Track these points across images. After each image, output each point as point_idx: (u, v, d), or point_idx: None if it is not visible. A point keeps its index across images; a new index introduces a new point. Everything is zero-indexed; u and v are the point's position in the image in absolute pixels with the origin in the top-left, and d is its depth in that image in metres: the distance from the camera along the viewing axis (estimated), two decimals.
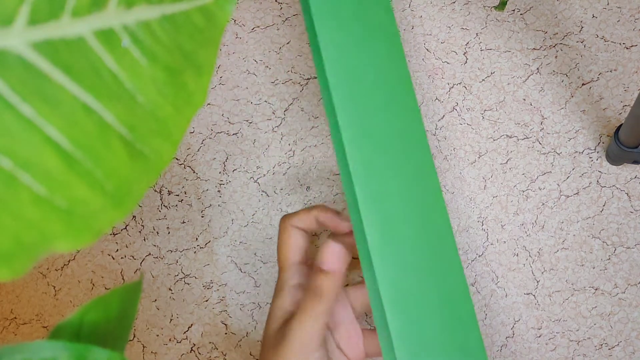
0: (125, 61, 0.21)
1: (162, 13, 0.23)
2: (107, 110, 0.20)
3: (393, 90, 0.22)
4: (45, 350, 0.22)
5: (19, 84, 0.18)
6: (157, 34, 0.23)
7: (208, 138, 0.96)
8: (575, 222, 0.89)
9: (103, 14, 0.21)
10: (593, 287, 0.88)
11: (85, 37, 0.20)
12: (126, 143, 0.20)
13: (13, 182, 0.18)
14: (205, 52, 0.24)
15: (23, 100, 0.18)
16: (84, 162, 0.19)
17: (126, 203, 0.20)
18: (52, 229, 0.18)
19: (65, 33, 0.20)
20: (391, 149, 0.22)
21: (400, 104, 0.22)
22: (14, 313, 0.95)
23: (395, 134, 0.22)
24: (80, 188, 0.19)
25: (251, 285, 0.94)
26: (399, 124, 0.22)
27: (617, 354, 0.86)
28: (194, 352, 0.92)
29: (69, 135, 0.19)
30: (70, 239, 0.18)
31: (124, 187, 0.20)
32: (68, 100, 0.19)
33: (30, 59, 0.19)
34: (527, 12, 0.95)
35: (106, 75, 0.21)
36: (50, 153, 0.18)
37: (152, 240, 0.95)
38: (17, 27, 0.18)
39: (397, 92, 0.22)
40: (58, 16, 0.20)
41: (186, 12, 0.24)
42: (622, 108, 0.90)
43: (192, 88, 0.23)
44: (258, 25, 1.00)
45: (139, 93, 0.21)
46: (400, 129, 0.22)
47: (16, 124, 0.18)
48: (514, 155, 0.92)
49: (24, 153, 0.18)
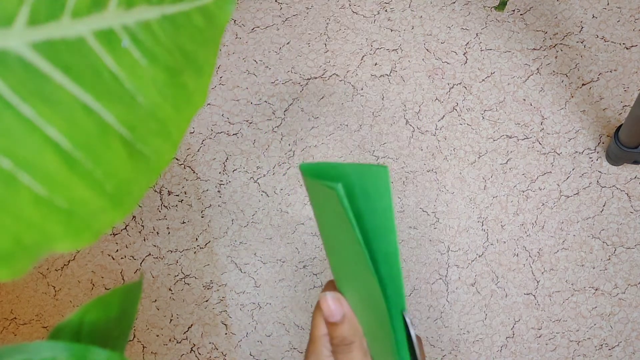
0: (125, 61, 0.21)
1: (162, 13, 0.23)
2: (107, 110, 0.20)
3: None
4: (45, 350, 0.22)
5: (19, 85, 0.18)
6: (157, 34, 0.23)
7: (208, 138, 0.96)
8: (575, 223, 0.89)
9: (103, 14, 0.21)
10: (593, 288, 0.88)
11: (85, 38, 0.20)
12: (126, 143, 0.20)
13: (13, 182, 0.18)
14: (205, 53, 0.24)
15: (23, 100, 0.18)
16: (84, 162, 0.19)
17: (126, 203, 0.20)
18: (52, 229, 0.18)
19: (65, 33, 0.20)
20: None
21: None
22: (14, 313, 0.95)
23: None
24: (80, 188, 0.19)
25: (251, 285, 0.94)
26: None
27: (617, 354, 0.86)
28: (194, 352, 0.92)
29: (69, 135, 0.19)
30: (70, 239, 0.18)
31: (124, 188, 0.20)
32: (68, 101, 0.19)
33: (30, 59, 0.19)
34: (527, 13, 0.95)
35: (106, 76, 0.21)
36: (50, 153, 0.18)
37: (152, 241, 0.95)
38: (17, 28, 0.18)
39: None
40: (58, 17, 0.20)
41: (186, 13, 0.24)
42: (622, 108, 0.90)
43: (192, 88, 0.23)
44: (258, 25, 1.00)
45: (139, 93, 0.21)
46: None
47: (16, 124, 0.18)
48: (514, 156, 0.92)
49: (24, 153, 0.18)
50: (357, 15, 0.96)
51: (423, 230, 0.89)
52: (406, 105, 0.93)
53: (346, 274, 0.39)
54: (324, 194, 0.34)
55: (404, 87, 0.93)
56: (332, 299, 0.39)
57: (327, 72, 0.95)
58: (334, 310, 0.39)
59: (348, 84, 0.94)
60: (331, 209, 0.35)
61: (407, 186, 0.90)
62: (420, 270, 0.88)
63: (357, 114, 0.93)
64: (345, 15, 0.96)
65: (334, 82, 0.94)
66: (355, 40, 0.95)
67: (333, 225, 0.36)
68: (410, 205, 0.89)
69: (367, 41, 0.95)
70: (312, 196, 0.39)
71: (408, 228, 0.89)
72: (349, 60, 0.95)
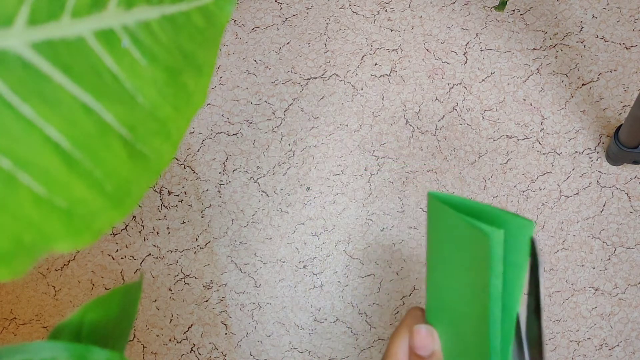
0: (125, 61, 0.21)
1: (162, 13, 0.23)
2: (107, 110, 0.20)
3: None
4: (45, 350, 0.22)
5: (18, 84, 0.18)
6: (157, 34, 0.23)
7: (208, 138, 0.96)
8: (575, 223, 0.89)
9: (103, 14, 0.21)
10: (593, 288, 0.88)
11: (85, 38, 0.20)
12: (126, 143, 0.20)
13: (13, 182, 0.18)
14: (205, 53, 0.24)
15: (23, 100, 0.18)
16: (83, 162, 0.19)
17: (126, 203, 0.20)
18: (52, 229, 0.18)
19: (65, 33, 0.20)
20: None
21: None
22: (14, 313, 0.95)
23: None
24: (80, 188, 0.19)
25: (251, 285, 0.94)
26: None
27: (617, 354, 0.86)
28: (194, 352, 0.92)
29: (68, 135, 0.19)
30: (70, 239, 0.18)
31: (124, 188, 0.20)
32: (68, 101, 0.19)
33: (30, 59, 0.19)
34: (527, 13, 0.95)
35: (106, 76, 0.20)
36: (50, 153, 0.18)
37: (152, 241, 0.95)
38: (17, 28, 0.18)
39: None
40: (58, 17, 0.20)
41: (186, 13, 0.24)
42: (622, 108, 0.90)
43: (192, 88, 0.23)
44: (258, 25, 1.00)
45: (139, 93, 0.21)
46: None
47: (16, 124, 0.18)
48: (514, 156, 0.92)
49: (24, 153, 0.18)
50: (357, 15, 0.96)
51: (423, 231, 0.89)
52: (406, 105, 0.93)
53: (448, 312, 0.38)
54: (468, 233, 0.33)
55: (404, 87, 0.93)
56: (427, 332, 0.39)
57: (327, 72, 0.95)
58: (426, 344, 0.39)
59: (348, 84, 0.94)
60: (468, 248, 0.33)
61: (407, 186, 0.90)
62: (420, 270, 0.88)
63: (357, 114, 0.93)
64: (345, 15, 0.96)
65: (334, 82, 0.94)
66: (355, 40, 0.95)
67: (460, 261, 0.35)
68: (410, 205, 0.89)
69: (367, 41, 0.95)
70: (437, 224, 0.38)
71: (408, 228, 0.89)
72: (349, 60, 0.95)
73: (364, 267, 0.89)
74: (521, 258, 0.32)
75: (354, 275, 0.90)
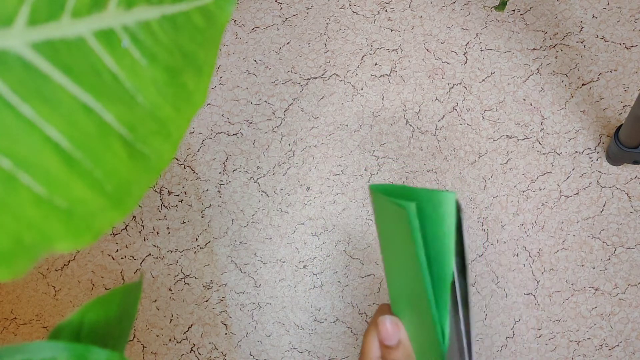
0: (125, 62, 0.21)
1: (162, 13, 0.23)
2: (107, 110, 0.20)
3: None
4: (45, 350, 0.22)
5: (19, 84, 0.18)
6: (157, 34, 0.23)
7: (208, 138, 0.96)
8: (575, 223, 0.89)
9: (103, 14, 0.21)
10: (593, 288, 0.87)
11: (85, 38, 0.20)
12: (126, 143, 0.20)
13: (13, 182, 0.18)
14: (205, 53, 0.24)
15: (23, 100, 0.18)
16: (83, 162, 0.19)
17: (126, 203, 0.20)
18: (52, 229, 0.18)
19: (65, 33, 0.20)
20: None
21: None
22: (14, 313, 0.95)
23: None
24: (80, 188, 0.19)
25: (251, 285, 0.94)
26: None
27: (617, 354, 0.86)
28: (194, 352, 0.92)
29: (68, 135, 0.19)
30: (70, 239, 0.18)
31: (124, 188, 0.20)
32: (68, 101, 0.19)
33: (30, 59, 0.19)
34: (527, 13, 0.95)
35: (106, 76, 0.20)
36: (50, 153, 0.18)
37: (152, 241, 0.95)
38: (17, 28, 0.18)
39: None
40: (58, 17, 0.20)
41: (186, 13, 0.24)
42: (622, 108, 0.90)
43: (192, 88, 0.23)
44: (258, 25, 1.00)
45: (139, 93, 0.21)
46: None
47: (16, 124, 0.18)
48: (514, 156, 0.92)
49: (24, 153, 0.18)
50: (357, 15, 0.96)
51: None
52: (406, 105, 0.93)
53: (404, 298, 0.39)
54: (393, 212, 0.35)
55: (404, 87, 0.94)
56: (391, 323, 0.40)
57: (327, 72, 0.95)
58: (391, 334, 0.40)
59: (348, 84, 0.94)
60: (398, 229, 0.35)
61: None
62: None
63: (357, 114, 0.93)
64: (345, 15, 0.96)
65: (334, 82, 0.94)
66: (355, 40, 0.95)
67: (397, 246, 0.37)
68: None
69: (367, 41, 0.95)
70: (378, 215, 0.39)
71: None
72: (349, 60, 0.95)
73: (364, 267, 0.89)
74: (447, 226, 0.33)
75: (354, 275, 0.90)
